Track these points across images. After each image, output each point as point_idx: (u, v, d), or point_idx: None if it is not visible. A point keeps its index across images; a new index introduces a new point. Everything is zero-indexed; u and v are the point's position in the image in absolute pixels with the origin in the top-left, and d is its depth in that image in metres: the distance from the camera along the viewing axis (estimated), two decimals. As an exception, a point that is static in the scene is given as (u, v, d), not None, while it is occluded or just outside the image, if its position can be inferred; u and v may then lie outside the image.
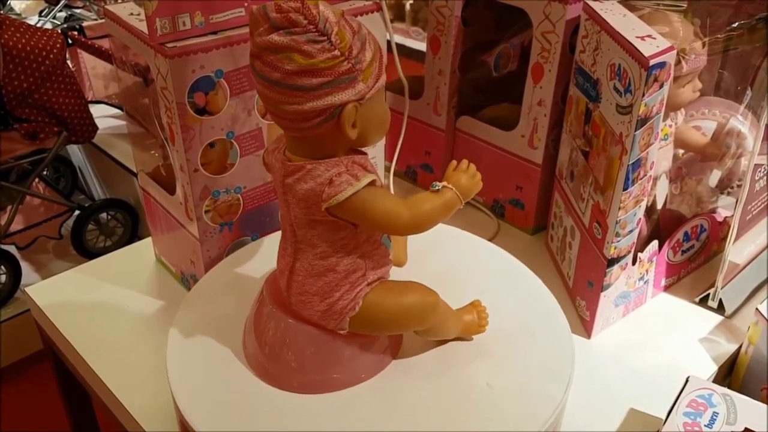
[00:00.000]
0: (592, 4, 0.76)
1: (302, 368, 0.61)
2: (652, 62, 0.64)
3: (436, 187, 0.57)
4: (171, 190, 0.79)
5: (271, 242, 0.77)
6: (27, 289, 0.88)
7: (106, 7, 0.76)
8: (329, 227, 0.57)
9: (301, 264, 0.59)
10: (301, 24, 0.49)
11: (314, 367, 0.61)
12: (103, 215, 1.82)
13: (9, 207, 1.68)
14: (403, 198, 0.57)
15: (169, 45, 0.66)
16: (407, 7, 1.39)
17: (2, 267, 1.66)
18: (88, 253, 1.80)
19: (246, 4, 0.69)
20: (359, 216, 0.55)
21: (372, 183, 0.54)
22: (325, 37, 0.50)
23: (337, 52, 0.50)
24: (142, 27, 0.68)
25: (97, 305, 0.86)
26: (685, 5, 0.80)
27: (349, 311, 0.59)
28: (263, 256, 0.77)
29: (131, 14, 0.72)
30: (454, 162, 0.57)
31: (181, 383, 0.62)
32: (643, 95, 0.65)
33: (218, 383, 0.62)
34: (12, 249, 1.70)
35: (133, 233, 1.87)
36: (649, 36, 0.67)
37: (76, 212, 1.77)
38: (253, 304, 0.66)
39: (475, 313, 0.66)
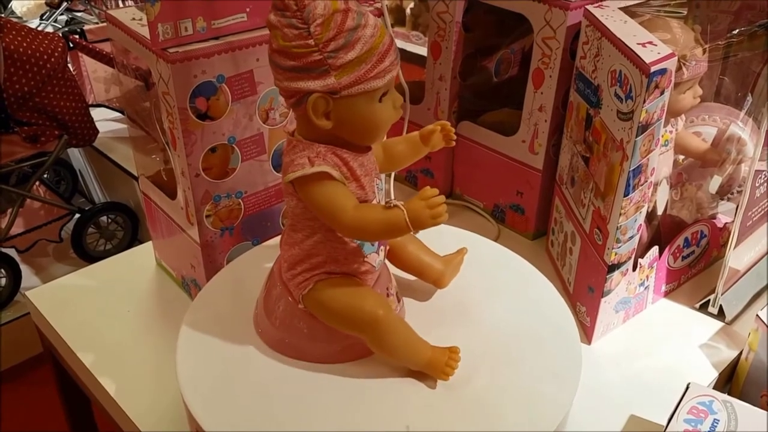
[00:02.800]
0: (593, 11, 0.77)
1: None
2: (653, 69, 0.64)
3: (389, 204, 0.57)
4: (172, 194, 0.79)
5: (273, 247, 0.77)
6: (27, 293, 0.88)
7: (108, 12, 0.76)
8: (299, 203, 0.60)
9: (286, 230, 0.64)
10: (290, 9, 0.53)
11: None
12: (104, 218, 1.82)
13: (9, 210, 1.68)
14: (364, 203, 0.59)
15: (171, 50, 0.66)
16: (408, 11, 1.40)
17: (2, 270, 1.66)
18: (88, 256, 1.80)
19: (248, 10, 0.69)
20: (308, 200, 0.58)
21: (326, 175, 0.56)
22: (305, 26, 0.53)
23: (311, 42, 0.53)
24: (144, 32, 0.68)
25: (98, 309, 0.86)
26: (686, 12, 0.80)
27: (301, 289, 0.62)
28: (267, 260, 0.77)
29: (133, 19, 0.73)
30: (428, 188, 0.56)
31: (192, 387, 0.62)
32: (644, 102, 0.65)
33: (228, 386, 0.62)
34: (12, 252, 1.70)
35: (133, 237, 1.87)
36: (650, 42, 0.68)
37: (77, 215, 1.77)
38: (265, 282, 0.67)
39: (446, 357, 0.62)
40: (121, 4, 2.00)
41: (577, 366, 0.65)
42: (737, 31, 0.79)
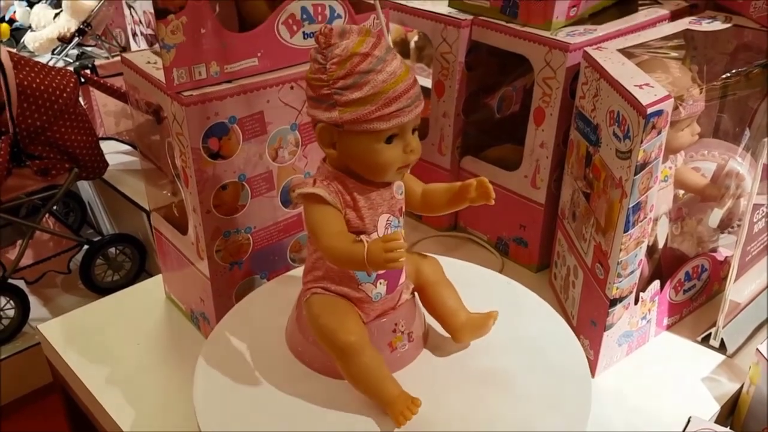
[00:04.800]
0: (592, 53, 0.79)
1: None
2: (649, 110, 0.66)
3: (358, 239, 0.60)
4: (183, 229, 0.81)
5: (289, 278, 0.81)
6: (39, 327, 0.90)
7: (123, 55, 0.79)
8: None
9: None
10: (321, 45, 0.59)
11: None
12: (112, 250, 1.83)
13: (19, 242, 1.69)
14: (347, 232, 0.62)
15: (186, 93, 0.68)
16: (412, 44, 1.42)
17: (11, 302, 1.67)
18: (96, 287, 1.80)
19: (259, 54, 0.72)
20: (304, 216, 0.63)
21: (319, 197, 0.61)
22: (325, 62, 0.58)
23: (324, 77, 0.58)
24: (159, 75, 0.70)
25: (108, 342, 0.87)
26: (683, 53, 0.82)
27: (302, 297, 0.67)
28: (281, 293, 0.78)
29: (148, 62, 0.75)
30: (395, 232, 0.58)
31: (209, 418, 0.63)
32: (642, 141, 0.67)
33: (245, 416, 0.63)
34: (21, 284, 1.71)
35: (140, 268, 1.87)
36: (647, 84, 0.70)
37: (85, 247, 1.79)
38: (297, 300, 0.70)
39: (405, 405, 0.61)
40: (132, 41, 2.04)
41: (587, 401, 0.65)
42: (734, 71, 0.81)
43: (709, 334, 0.87)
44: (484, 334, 0.70)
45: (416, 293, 0.71)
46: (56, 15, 2.15)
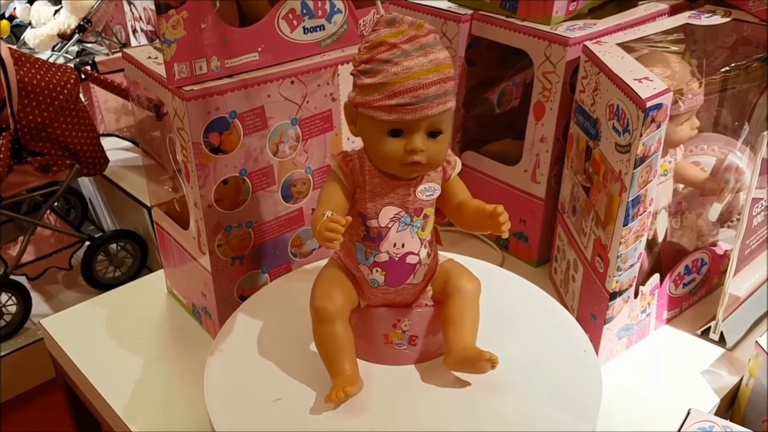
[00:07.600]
0: (591, 47, 0.79)
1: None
2: (649, 104, 0.66)
3: (323, 212, 0.62)
4: (184, 224, 0.82)
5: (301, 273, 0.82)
6: (42, 321, 0.90)
7: (125, 50, 0.79)
8: None
9: None
10: (371, 28, 0.63)
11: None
12: (113, 246, 1.84)
13: (21, 238, 1.70)
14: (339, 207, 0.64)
15: (187, 88, 0.68)
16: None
17: (13, 297, 1.68)
18: (97, 283, 1.81)
19: (259, 49, 0.72)
20: None
21: (332, 170, 0.65)
22: (363, 45, 0.62)
23: (357, 57, 0.62)
24: (160, 70, 0.71)
25: (111, 337, 0.87)
26: (683, 47, 0.82)
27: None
28: (289, 292, 0.79)
29: (149, 57, 0.76)
30: (341, 217, 0.59)
31: (221, 414, 0.63)
32: (641, 135, 0.68)
33: (256, 412, 0.63)
34: (23, 280, 1.72)
35: (142, 264, 1.88)
36: (646, 78, 0.70)
37: (86, 243, 1.79)
38: None
39: (342, 386, 0.60)
40: (132, 37, 2.04)
41: (597, 395, 0.65)
42: (733, 65, 0.81)
43: (709, 327, 0.87)
44: (474, 372, 0.63)
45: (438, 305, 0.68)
46: (56, 12, 2.15)
